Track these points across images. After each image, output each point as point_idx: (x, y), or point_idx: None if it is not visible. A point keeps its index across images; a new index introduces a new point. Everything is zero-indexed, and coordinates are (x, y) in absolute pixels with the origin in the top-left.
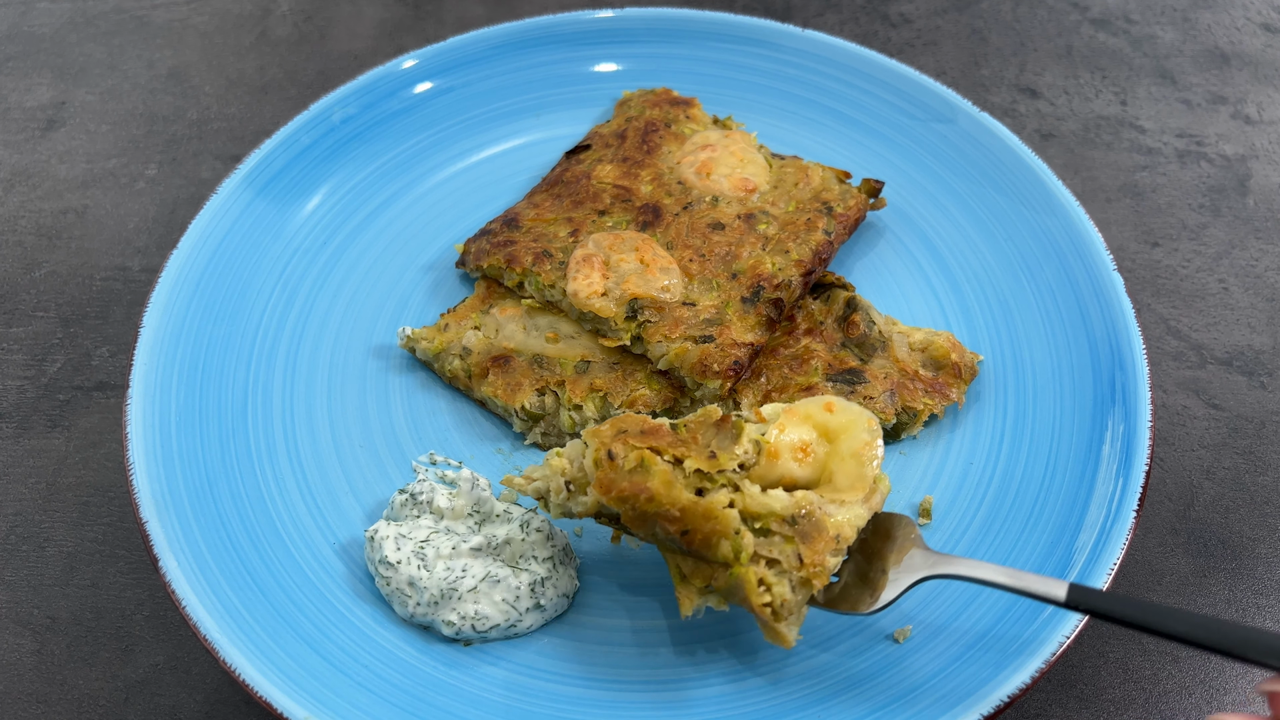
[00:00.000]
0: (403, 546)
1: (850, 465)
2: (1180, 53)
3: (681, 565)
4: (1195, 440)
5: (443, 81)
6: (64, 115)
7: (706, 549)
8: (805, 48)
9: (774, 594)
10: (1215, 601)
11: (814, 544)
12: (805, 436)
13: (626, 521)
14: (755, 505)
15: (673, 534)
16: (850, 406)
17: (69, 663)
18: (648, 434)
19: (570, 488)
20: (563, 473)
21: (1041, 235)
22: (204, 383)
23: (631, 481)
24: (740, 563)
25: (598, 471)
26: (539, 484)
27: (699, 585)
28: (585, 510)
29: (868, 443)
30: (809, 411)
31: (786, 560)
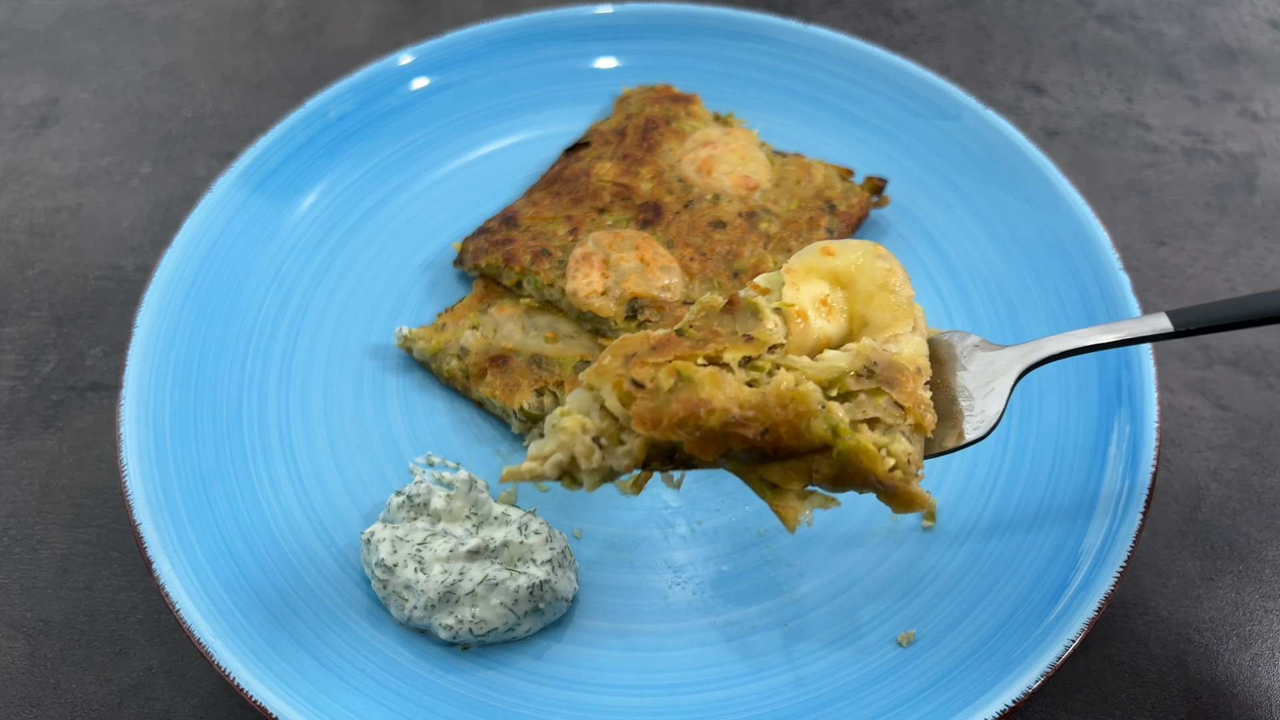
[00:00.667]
0: (399, 549)
1: (882, 298)
2: (1187, 49)
3: (768, 475)
4: (1202, 441)
5: (440, 78)
6: (57, 112)
7: (795, 439)
8: (808, 43)
9: (895, 453)
10: (1222, 605)
11: (903, 385)
12: (820, 290)
13: (691, 449)
14: (820, 373)
15: (751, 439)
16: (848, 242)
17: (62, 666)
18: (661, 348)
19: (601, 443)
20: (584, 430)
21: (1047, 233)
22: (198, 383)
23: (681, 400)
24: (842, 436)
25: (633, 408)
26: (558, 456)
27: (798, 488)
28: (633, 460)
29: (887, 269)
30: (809, 263)
31: (886, 413)
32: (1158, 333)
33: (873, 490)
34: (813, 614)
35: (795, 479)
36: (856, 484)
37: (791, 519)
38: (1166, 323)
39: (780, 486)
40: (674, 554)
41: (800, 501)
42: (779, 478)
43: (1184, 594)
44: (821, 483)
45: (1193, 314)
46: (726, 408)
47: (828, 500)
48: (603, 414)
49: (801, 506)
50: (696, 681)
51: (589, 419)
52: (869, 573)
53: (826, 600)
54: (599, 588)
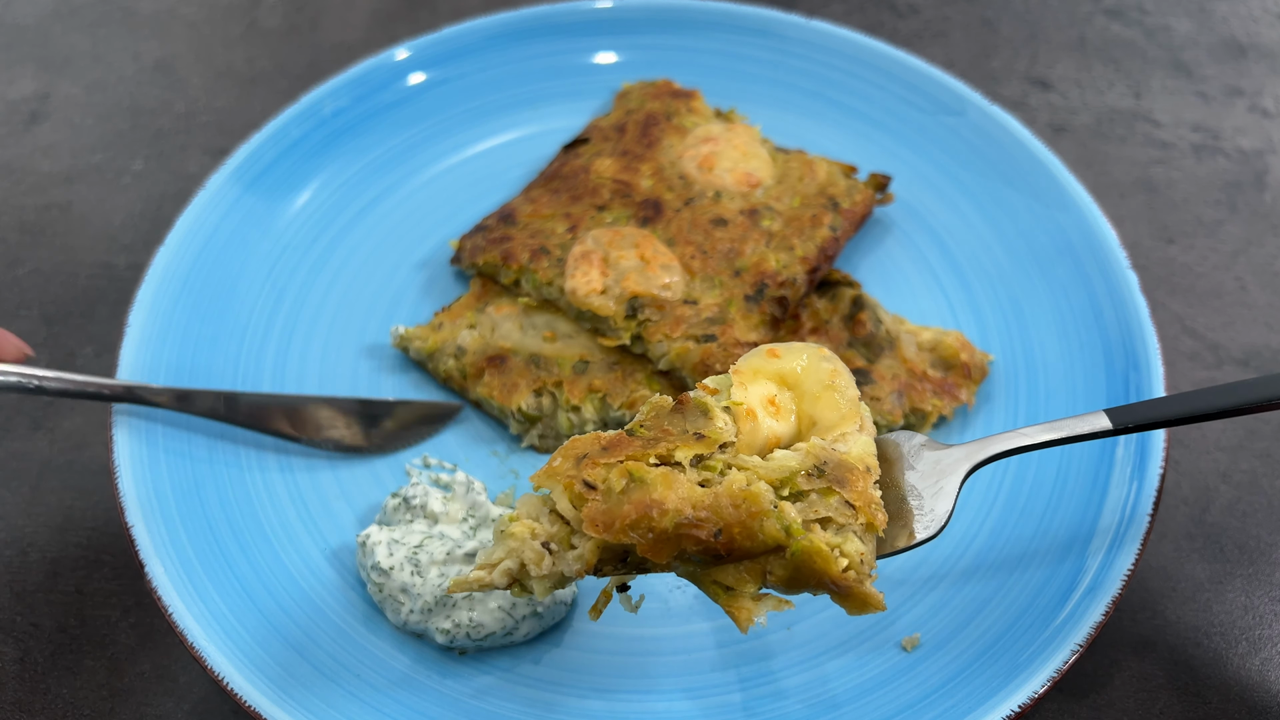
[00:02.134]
0: (395, 552)
1: (828, 399)
2: (1196, 44)
3: (721, 578)
4: (1211, 442)
5: (437, 73)
6: (47, 108)
7: (749, 539)
8: (810, 38)
9: (847, 553)
10: (1231, 608)
11: (853, 484)
12: (768, 390)
13: (644, 552)
14: (771, 473)
15: (705, 540)
16: (791, 345)
17: (52, 671)
18: (612, 448)
19: (551, 548)
20: (533, 535)
21: (1053, 231)
22: (191, 383)
23: (634, 502)
24: (795, 536)
25: (584, 510)
26: (507, 564)
27: (751, 590)
28: (584, 565)
29: (832, 370)
30: (755, 365)
31: (837, 513)
32: (1097, 431)
33: (826, 591)
34: (815, 618)
35: (749, 581)
36: (811, 585)
37: (745, 619)
38: (1106, 421)
39: (734, 589)
40: None
41: (754, 603)
42: (733, 580)
43: (1192, 597)
44: (775, 584)
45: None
46: (679, 508)
47: (781, 602)
48: (552, 518)
49: (755, 608)
50: (697, 686)
51: (538, 524)
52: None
53: (829, 604)
54: (597, 590)
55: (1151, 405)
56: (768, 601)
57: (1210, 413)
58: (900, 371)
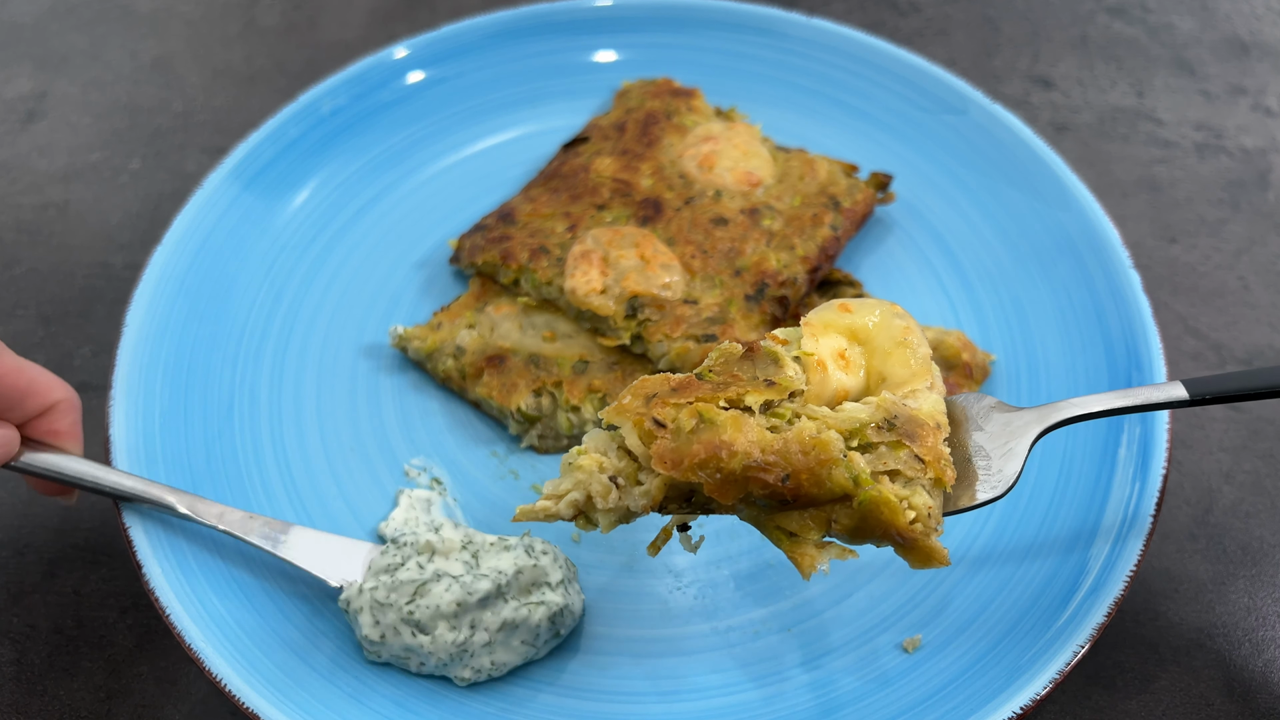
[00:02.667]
0: (382, 618)
1: (899, 355)
2: (1199, 42)
3: (786, 523)
4: (1214, 443)
5: (436, 71)
6: (44, 107)
7: (816, 487)
8: (811, 36)
9: (915, 505)
10: (1235, 609)
11: (923, 439)
12: (838, 344)
13: (711, 492)
14: (841, 423)
15: (772, 485)
16: (865, 300)
17: (49, 673)
18: (681, 389)
19: (619, 482)
20: (601, 468)
21: (1055, 230)
22: (189, 383)
23: (703, 442)
24: (863, 486)
25: (653, 447)
26: (574, 495)
27: (815, 538)
28: (650, 501)
29: (905, 327)
30: (826, 319)
31: (906, 466)
32: (1173, 400)
33: (891, 543)
34: (816, 619)
35: (814, 528)
36: (876, 536)
37: (808, 565)
38: (1182, 391)
39: (798, 535)
40: (675, 558)
41: (817, 550)
42: (797, 526)
43: (1195, 599)
44: (840, 533)
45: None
46: (748, 451)
47: (844, 551)
48: (620, 454)
49: (819, 555)
50: (696, 688)
51: (607, 458)
52: (874, 577)
53: (830, 605)
54: (596, 592)
55: (1229, 377)
56: (831, 549)
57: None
58: None
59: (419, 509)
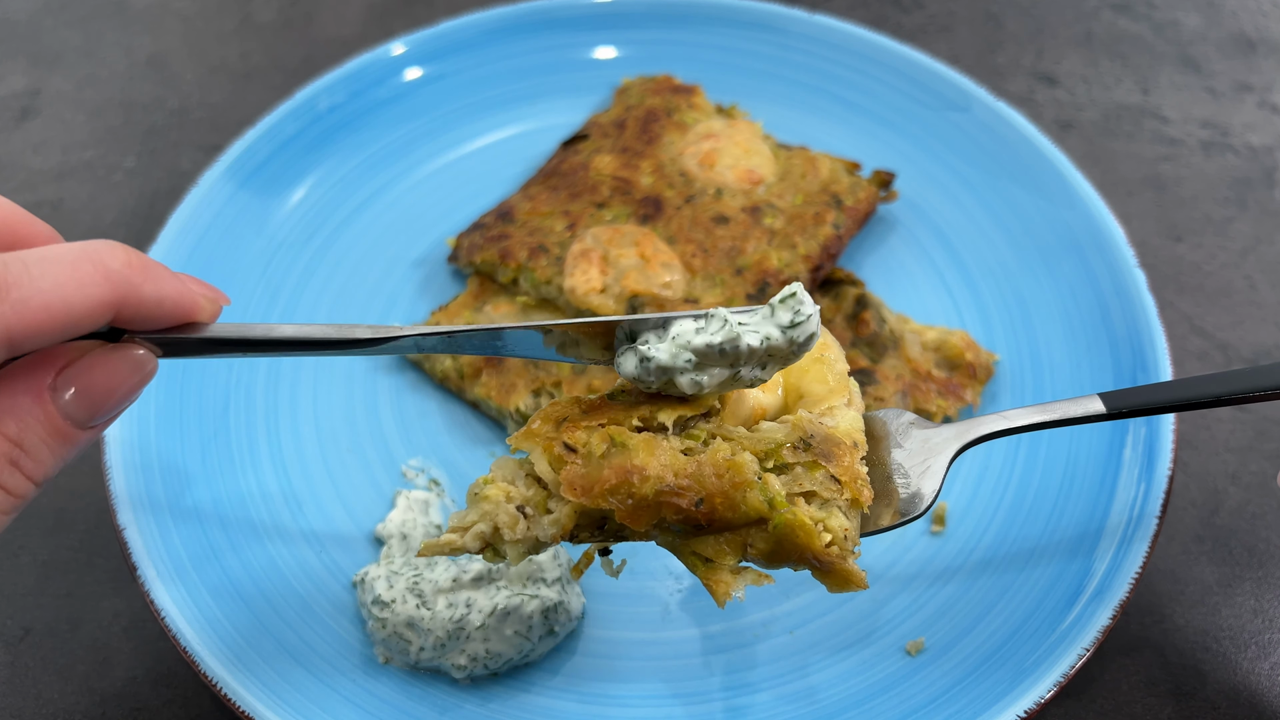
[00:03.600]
0: (395, 584)
1: (816, 371)
2: (1204, 39)
3: (701, 549)
4: (1220, 444)
5: (434, 68)
6: (38, 104)
7: (730, 510)
8: (813, 32)
9: (831, 528)
10: (1241, 612)
11: (839, 459)
12: None
13: (623, 519)
14: (756, 444)
15: (685, 509)
16: None
17: (43, 675)
18: (593, 411)
19: (527, 512)
20: (508, 498)
21: (1060, 229)
22: (184, 383)
23: (614, 466)
24: (778, 509)
25: (563, 473)
26: (480, 527)
27: (730, 563)
28: (560, 530)
29: (821, 343)
30: None
31: (822, 487)
32: (1090, 414)
33: (808, 566)
34: (818, 622)
35: (729, 553)
36: (792, 560)
37: (722, 593)
38: (1099, 405)
39: (714, 560)
40: (675, 561)
41: (733, 577)
42: (712, 552)
43: (1201, 601)
44: (756, 558)
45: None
46: (660, 475)
47: (760, 577)
48: (528, 481)
49: (734, 581)
50: (697, 692)
51: (514, 487)
52: (876, 579)
53: (832, 607)
54: (596, 595)
55: (1146, 390)
56: (746, 575)
57: (1205, 399)
58: (904, 371)
59: (416, 510)
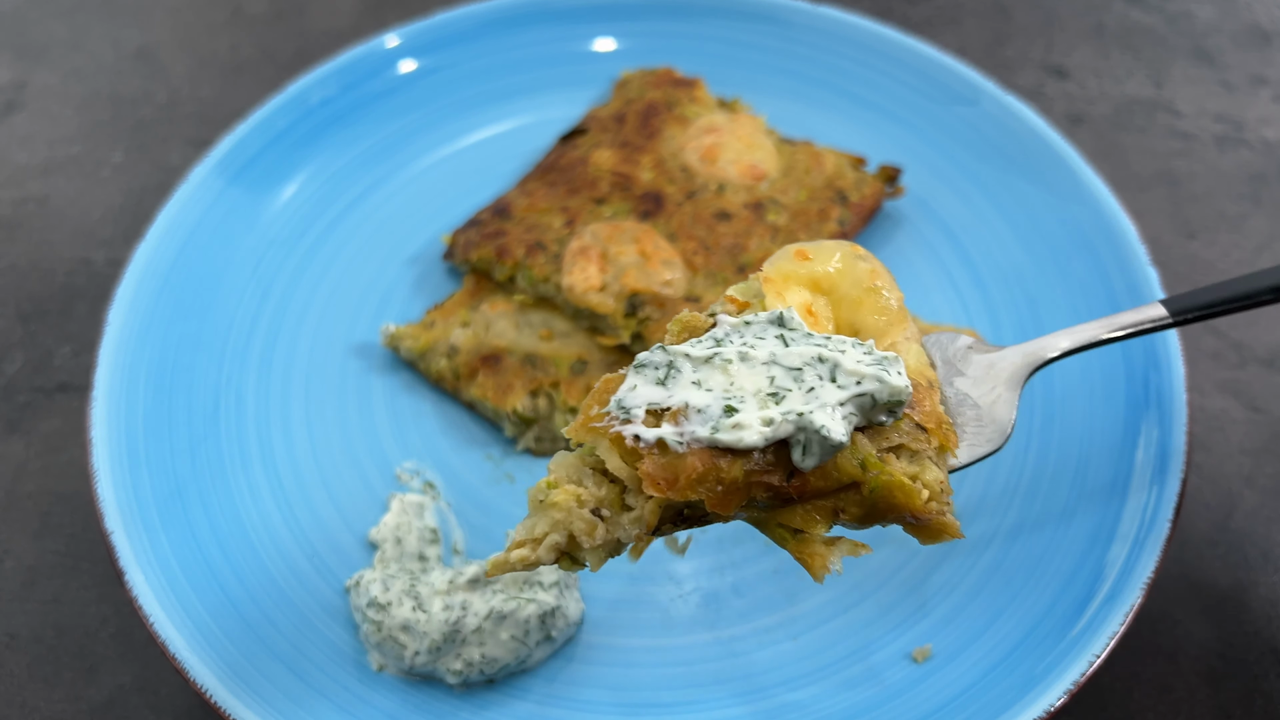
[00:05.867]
0: (391, 586)
1: (870, 303)
2: (1218, 31)
3: (790, 521)
4: (1235, 445)
5: (429, 60)
6: (24, 97)
7: (822, 479)
8: (817, 24)
9: (928, 483)
10: (1256, 618)
11: (920, 402)
12: (802, 298)
13: (713, 507)
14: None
15: (778, 485)
16: (822, 243)
17: (29, 682)
18: None
19: (603, 514)
20: (580, 502)
21: (1070, 225)
22: (173, 384)
23: (695, 451)
24: (872, 470)
25: (640, 466)
26: (554, 538)
27: (822, 532)
28: (643, 527)
29: (871, 270)
30: (785, 269)
31: (910, 438)
32: (1156, 321)
33: (903, 524)
34: (823, 628)
35: (820, 521)
36: (886, 519)
37: (819, 567)
38: (1161, 310)
39: (804, 532)
40: (676, 565)
41: (827, 549)
42: (803, 522)
43: (1215, 607)
44: (848, 522)
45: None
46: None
47: (856, 547)
48: (598, 479)
49: (829, 553)
50: (698, 700)
51: (584, 488)
52: (882, 584)
53: (838, 614)
54: (594, 600)
55: (1208, 290)
56: (842, 545)
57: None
58: None
59: (411, 514)
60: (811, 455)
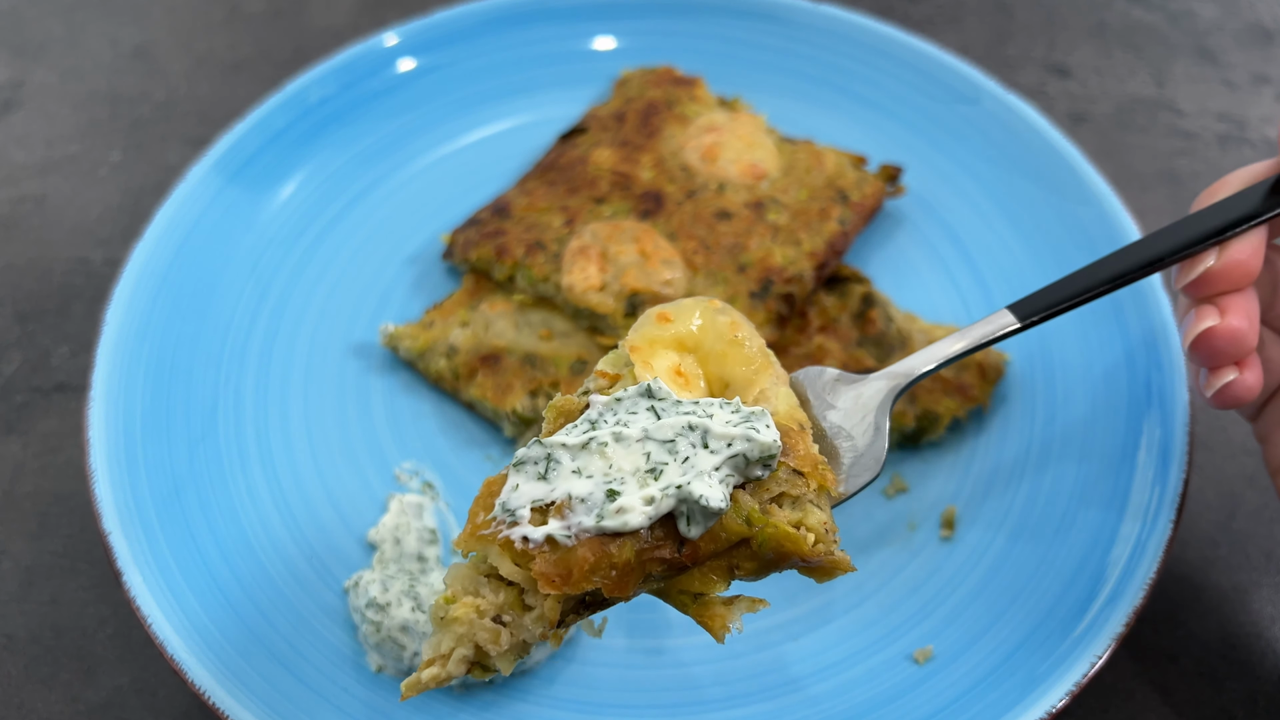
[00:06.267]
0: (390, 587)
1: (734, 354)
2: (1221, 29)
3: (689, 586)
4: (1237, 445)
5: (428, 59)
6: (21, 96)
7: (712, 542)
8: (818, 23)
9: (812, 527)
10: (1259, 619)
11: (794, 447)
12: (670, 361)
13: (610, 593)
14: None
15: (669, 558)
16: (680, 303)
17: (26, 684)
18: None
19: (505, 620)
20: (480, 612)
21: (1072, 225)
22: (171, 384)
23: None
24: (757, 524)
25: (533, 567)
26: (461, 651)
27: (720, 591)
28: (546, 624)
29: (731, 322)
30: (649, 335)
31: (788, 485)
32: (1005, 329)
33: (794, 568)
34: (823, 630)
35: (718, 581)
36: (782, 567)
37: (719, 628)
38: (1010, 317)
39: (704, 594)
40: None
41: (726, 608)
42: (701, 585)
43: (1217, 608)
44: (744, 577)
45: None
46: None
47: (755, 603)
48: (494, 585)
49: (728, 613)
50: (698, 701)
51: (482, 598)
52: (883, 585)
53: (838, 615)
54: None
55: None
56: (740, 604)
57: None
58: None
59: (410, 514)
60: (697, 524)
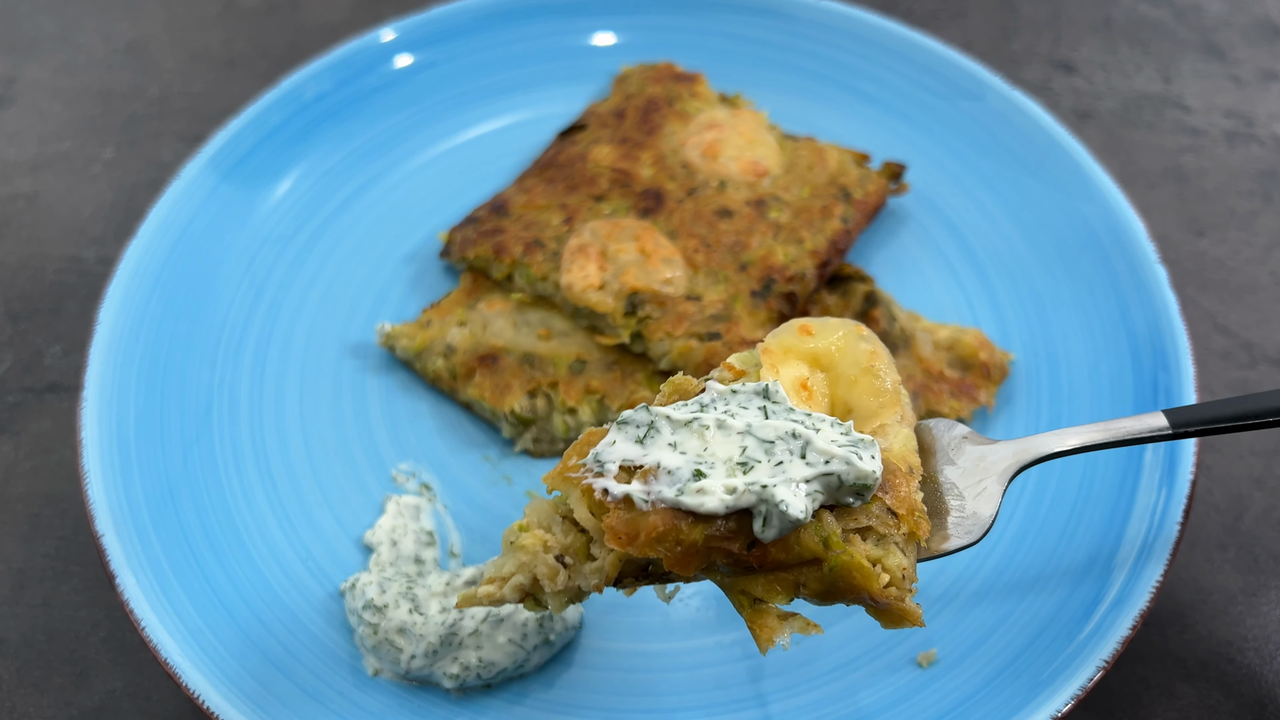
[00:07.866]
0: (387, 589)
1: (866, 384)
2: (1228, 25)
3: (751, 589)
4: (1245, 447)
5: (425, 55)
6: (13, 92)
7: (784, 552)
8: (820, 18)
9: (889, 568)
10: (1266, 621)
11: (896, 488)
12: (799, 372)
13: (671, 566)
14: None
15: (737, 553)
16: (828, 321)
17: (18, 688)
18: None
19: (566, 561)
20: (545, 548)
21: (1078, 223)
22: (165, 384)
23: (659, 511)
24: (834, 549)
25: (605, 520)
26: (519, 579)
27: (781, 602)
28: (603, 579)
29: (871, 352)
30: (786, 343)
31: (879, 521)
32: (1155, 432)
33: (862, 604)
34: (825, 633)
35: (780, 593)
36: (847, 599)
37: (765, 639)
38: (1162, 421)
39: (763, 601)
40: None
41: (780, 623)
42: (763, 591)
43: (1225, 610)
44: (809, 597)
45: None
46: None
47: (809, 625)
48: (567, 527)
49: (780, 627)
50: (699, 706)
51: (551, 535)
52: None
53: (840, 617)
54: (594, 604)
55: (1213, 406)
56: (794, 622)
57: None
58: (916, 371)
59: (407, 516)
60: (771, 527)
